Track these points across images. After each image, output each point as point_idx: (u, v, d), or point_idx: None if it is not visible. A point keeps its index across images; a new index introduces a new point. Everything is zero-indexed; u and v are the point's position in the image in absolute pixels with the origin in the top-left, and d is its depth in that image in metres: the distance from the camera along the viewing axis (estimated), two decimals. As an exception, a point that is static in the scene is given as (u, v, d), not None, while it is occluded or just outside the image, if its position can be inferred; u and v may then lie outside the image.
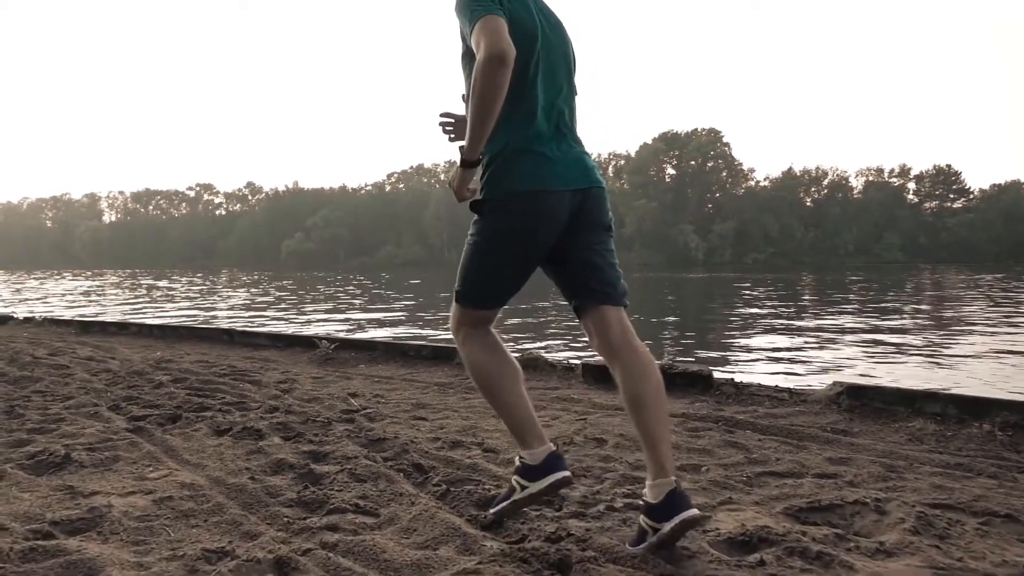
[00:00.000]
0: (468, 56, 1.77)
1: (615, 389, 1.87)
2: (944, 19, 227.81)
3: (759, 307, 15.92)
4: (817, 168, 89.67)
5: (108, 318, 9.45)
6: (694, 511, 1.69)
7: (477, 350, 1.90)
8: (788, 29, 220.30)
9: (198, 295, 24.12)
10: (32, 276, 50.00)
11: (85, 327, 7.31)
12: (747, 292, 22.36)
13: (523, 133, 1.76)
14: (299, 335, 5.89)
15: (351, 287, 27.97)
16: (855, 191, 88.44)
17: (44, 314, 8.26)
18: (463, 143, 1.72)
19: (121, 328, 7.07)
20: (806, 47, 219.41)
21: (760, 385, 3.65)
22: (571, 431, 2.94)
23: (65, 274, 54.62)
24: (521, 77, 1.73)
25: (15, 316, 8.17)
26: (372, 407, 3.45)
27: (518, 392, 1.89)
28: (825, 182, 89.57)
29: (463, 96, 1.87)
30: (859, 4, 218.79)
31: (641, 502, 1.78)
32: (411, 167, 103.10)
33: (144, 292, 25.65)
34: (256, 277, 43.30)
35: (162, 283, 35.80)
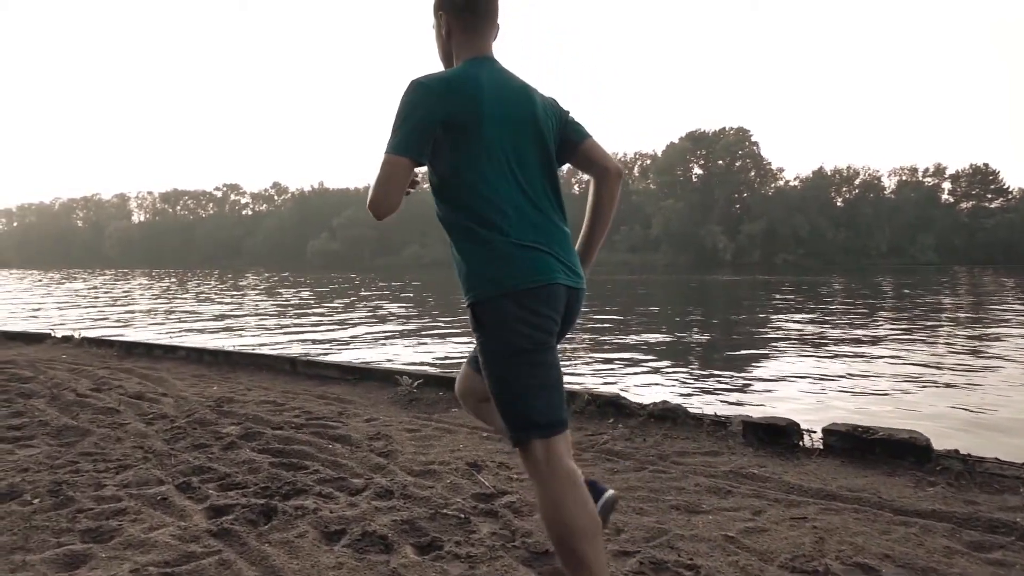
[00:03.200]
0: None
1: (800, 456, 1.86)
2: (981, 14, 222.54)
3: (793, 314, 14.99)
4: (848, 167, 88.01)
5: (153, 339, 8.84)
6: None
7: (558, 488, 1.58)
8: (819, 26, 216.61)
9: (233, 300, 23.67)
10: (74, 277, 50.21)
11: (128, 349, 6.68)
12: (778, 298, 21.36)
13: (504, 235, 1.61)
14: (374, 367, 5.19)
15: (381, 287, 27.37)
16: (888, 191, 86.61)
17: (82, 332, 7.65)
18: None
19: (168, 352, 6.43)
20: (838, 44, 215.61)
21: (1001, 461, 2.85)
22: (807, 544, 2.16)
23: (101, 274, 54.89)
24: (488, 179, 1.62)
25: (52, 334, 7.59)
26: (509, 488, 2.71)
27: (598, 554, 1.58)
28: (857, 182, 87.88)
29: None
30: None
31: None
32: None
33: (183, 301, 25.23)
34: (290, 279, 42.98)
35: (195, 285, 35.56)
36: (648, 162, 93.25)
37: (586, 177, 1.93)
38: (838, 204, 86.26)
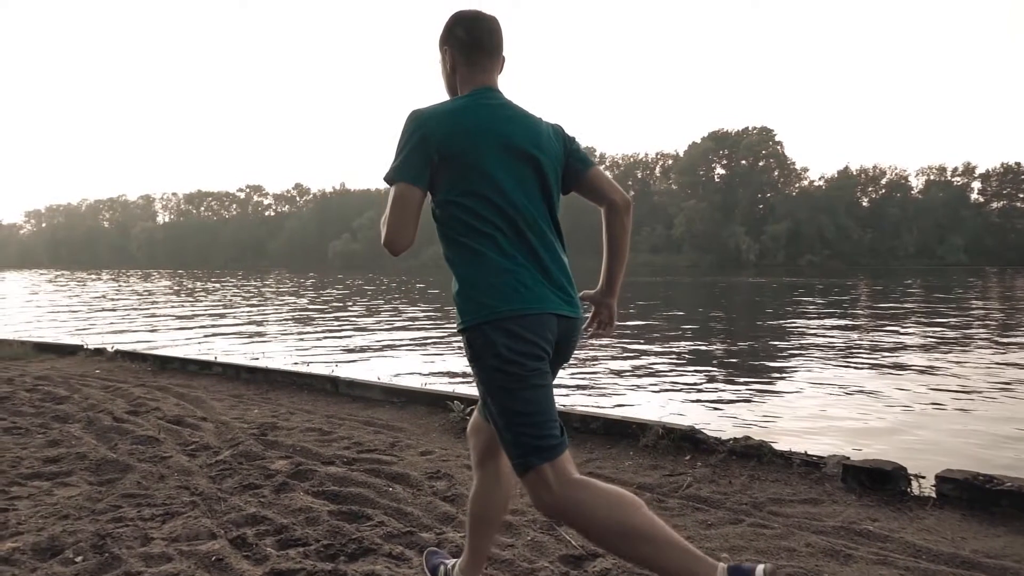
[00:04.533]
0: None
1: (912, 507, 1.77)
2: (1012, 7, 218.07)
3: (826, 319, 14.51)
4: (875, 167, 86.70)
5: (187, 353, 8.68)
6: None
7: (579, 497, 1.56)
8: (844, 22, 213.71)
9: (260, 304, 23.65)
10: (99, 278, 50.83)
11: (162, 364, 6.50)
12: (807, 301, 20.81)
13: (498, 266, 1.63)
14: (420, 390, 4.93)
15: (409, 289, 27.22)
16: (915, 190, 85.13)
17: (115, 344, 7.49)
18: None
19: (203, 368, 6.23)
20: (864, 41, 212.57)
21: None
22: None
23: (126, 275, 55.48)
24: (486, 208, 1.64)
25: (85, 346, 7.43)
26: (599, 548, 2.43)
27: (653, 521, 1.52)
28: (883, 181, 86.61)
29: None
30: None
31: None
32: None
33: (211, 306, 25.27)
34: (314, 279, 43.09)
35: (220, 287, 35.70)
36: (670, 162, 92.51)
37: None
38: (864, 204, 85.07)
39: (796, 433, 5.53)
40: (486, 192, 1.64)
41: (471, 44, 1.77)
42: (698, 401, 7.05)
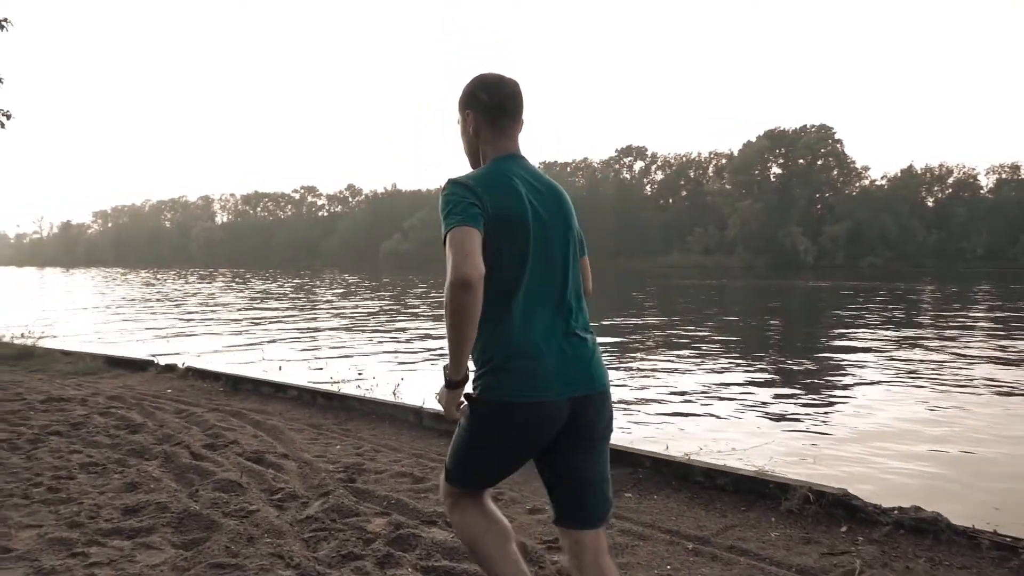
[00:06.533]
0: None
1: None
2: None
3: (900, 329, 13.52)
4: (941, 165, 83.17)
5: (262, 373, 8.52)
6: None
7: (464, 518, 1.88)
8: (909, 16, 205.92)
9: (320, 307, 23.75)
10: (162, 279, 52.31)
11: (234, 384, 6.29)
12: (878, 307, 19.67)
13: (518, 336, 1.66)
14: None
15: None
16: (985, 190, 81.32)
17: (186, 362, 7.34)
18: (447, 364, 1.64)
19: (278, 390, 5.98)
20: (926, 34, 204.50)
21: None
22: None
23: (187, 274, 57.01)
24: (513, 275, 1.65)
25: (155, 362, 7.30)
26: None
27: (507, 553, 1.86)
28: (950, 180, 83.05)
29: None
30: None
31: None
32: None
33: (275, 309, 25.54)
34: (367, 282, 43.43)
35: (279, 287, 36.22)
36: (723, 161, 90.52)
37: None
38: (929, 204, 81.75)
39: (925, 490, 4.95)
40: (513, 261, 1.66)
41: (494, 108, 1.80)
42: (780, 423, 6.50)
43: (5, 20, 8.63)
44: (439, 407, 1.75)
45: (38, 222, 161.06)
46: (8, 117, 9.12)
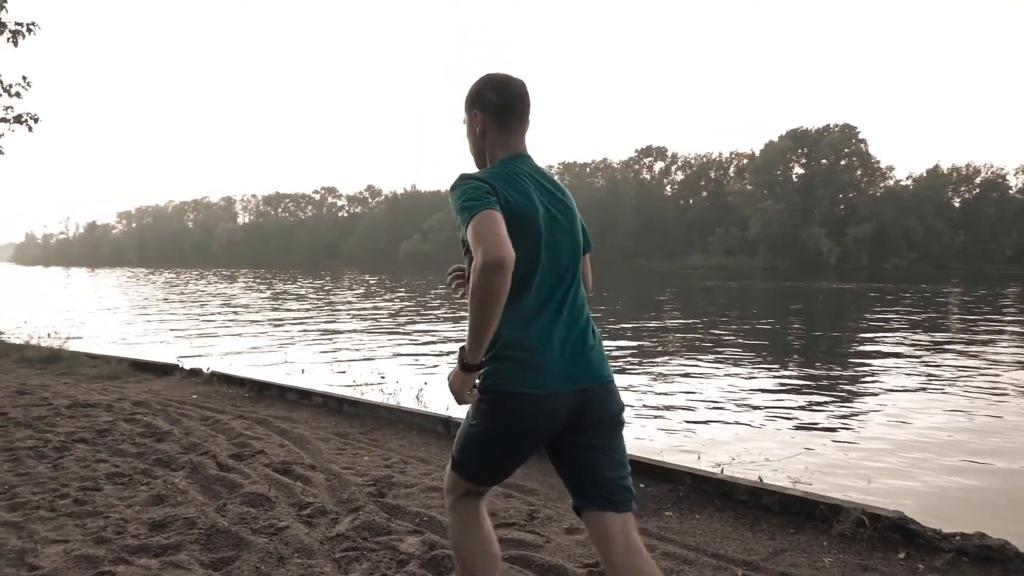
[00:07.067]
0: (467, 251, 1.68)
1: None
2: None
3: (930, 332, 13.16)
4: (968, 165, 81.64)
5: (285, 376, 8.48)
6: None
7: (461, 524, 1.92)
8: (934, 13, 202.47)
9: (342, 309, 23.80)
10: (183, 279, 52.84)
11: (260, 390, 6.22)
12: (907, 310, 19.24)
13: (522, 330, 1.69)
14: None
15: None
16: (1014, 190, 79.71)
17: (211, 367, 7.30)
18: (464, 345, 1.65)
19: (303, 397, 5.90)
20: (952, 31, 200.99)
21: None
22: None
23: (208, 274, 57.54)
24: (522, 271, 1.64)
25: (180, 366, 7.27)
26: None
27: None
28: (977, 180, 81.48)
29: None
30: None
31: None
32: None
33: (297, 310, 25.66)
34: (386, 282, 43.53)
35: (299, 288, 36.40)
36: (744, 162, 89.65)
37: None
38: (955, 205, 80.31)
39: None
40: (535, 255, 1.71)
41: (502, 108, 1.81)
42: (818, 434, 6.31)
43: (32, 24, 8.66)
44: (450, 391, 1.73)
45: (64, 223, 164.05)
46: (36, 121, 9.16)
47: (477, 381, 1.72)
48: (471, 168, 1.92)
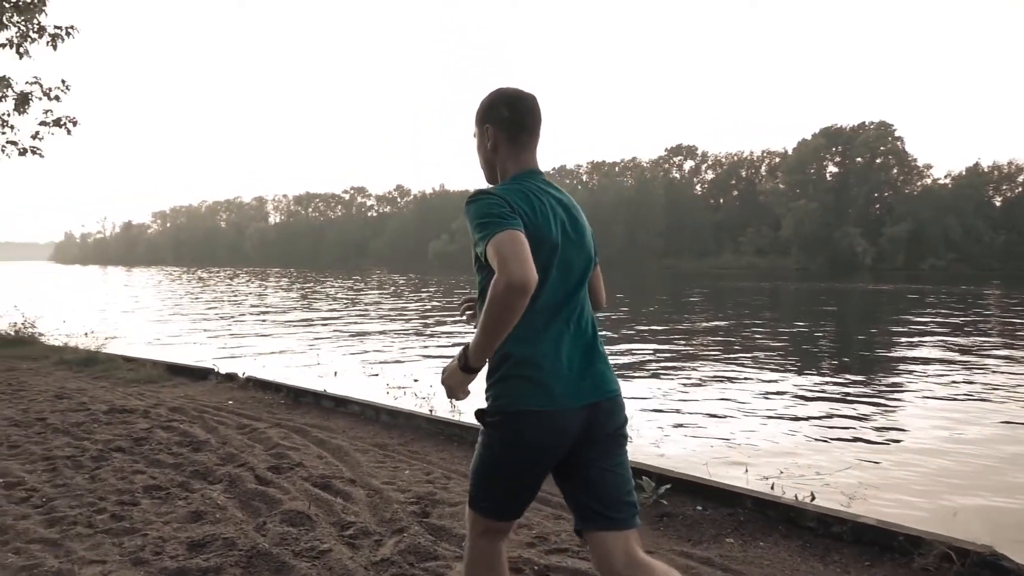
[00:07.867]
0: (482, 266, 1.70)
1: None
2: None
3: (978, 335, 12.61)
4: (1010, 163, 79.36)
5: (318, 380, 8.42)
6: None
7: (474, 564, 1.83)
8: (972, 6, 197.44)
9: (373, 311, 23.85)
10: (215, 278, 53.58)
11: (295, 397, 6.14)
12: (954, 313, 18.58)
13: (530, 348, 1.67)
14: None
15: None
16: (1058, 188, 77.41)
17: (247, 372, 7.25)
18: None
19: (339, 404, 5.80)
20: (993, 24, 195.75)
21: None
22: None
23: (240, 274, 58.28)
24: (536, 289, 1.57)
25: (216, 370, 7.23)
26: None
27: None
28: (1020, 179, 79.15)
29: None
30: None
31: None
32: (552, 169, 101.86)
33: (333, 312, 25.81)
34: (415, 280, 43.66)
35: (333, 289, 36.63)
36: (776, 160, 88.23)
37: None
38: (996, 204, 78.16)
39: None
40: (548, 272, 1.69)
41: (514, 123, 1.80)
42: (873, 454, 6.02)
43: (71, 28, 8.71)
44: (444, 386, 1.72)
45: (101, 222, 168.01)
46: (75, 124, 9.24)
47: (481, 408, 1.73)
48: (480, 178, 1.92)
